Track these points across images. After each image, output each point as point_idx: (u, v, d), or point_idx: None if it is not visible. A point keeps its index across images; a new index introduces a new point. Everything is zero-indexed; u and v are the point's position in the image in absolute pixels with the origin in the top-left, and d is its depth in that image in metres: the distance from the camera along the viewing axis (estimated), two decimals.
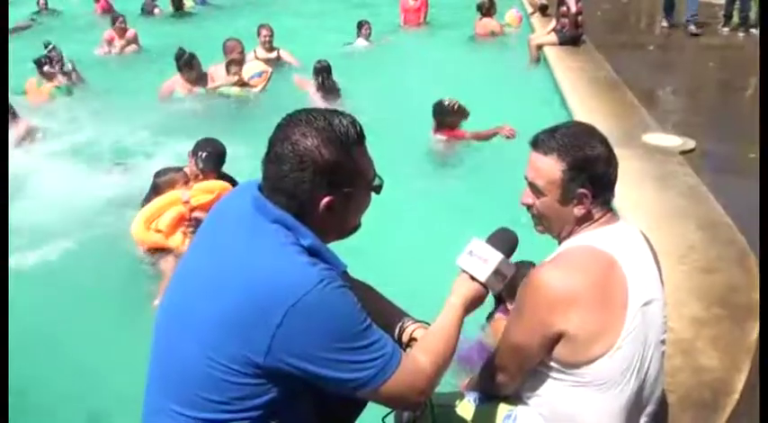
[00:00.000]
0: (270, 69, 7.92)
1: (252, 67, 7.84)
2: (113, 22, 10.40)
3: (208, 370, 1.54)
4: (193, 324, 1.58)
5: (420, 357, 1.66)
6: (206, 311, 1.56)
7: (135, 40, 10.49)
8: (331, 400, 1.74)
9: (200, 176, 4.25)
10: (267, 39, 9.03)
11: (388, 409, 1.89)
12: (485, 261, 1.83)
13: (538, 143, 1.98)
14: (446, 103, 5.87)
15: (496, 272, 1.83)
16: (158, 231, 3.94)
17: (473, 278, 1.84)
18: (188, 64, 7.54)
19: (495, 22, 10.98)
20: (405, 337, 1.93)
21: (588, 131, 1.99)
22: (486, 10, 10.89)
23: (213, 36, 9.03)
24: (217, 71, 7.79)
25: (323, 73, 7.52)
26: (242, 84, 7.59)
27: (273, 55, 9.03)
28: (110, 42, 10.27)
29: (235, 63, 7.68)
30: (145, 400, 1.70)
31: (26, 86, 7.84)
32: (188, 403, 1.58)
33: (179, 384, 1.60)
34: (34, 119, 6.62)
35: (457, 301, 1.80)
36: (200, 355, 1.55)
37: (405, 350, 1.76)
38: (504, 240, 1.91)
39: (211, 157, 4.26)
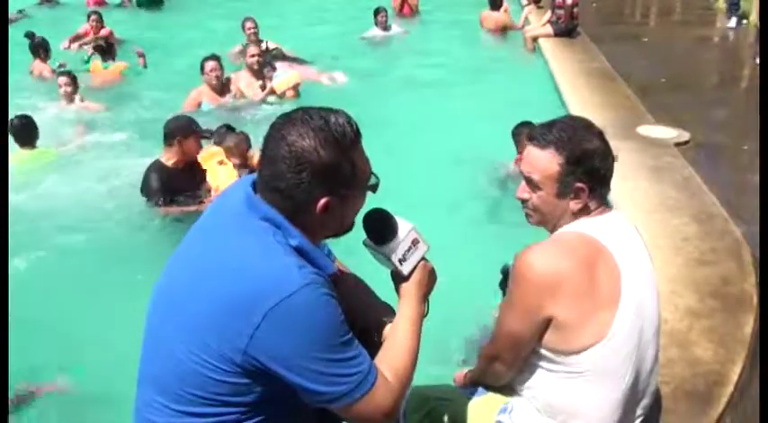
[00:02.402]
0: (300, 76, 7.46)
1: (282, 82, 7.31)
2: (88, 18, 10.51)
3: (190, 364, 1.53)
4: (179, 317, 1.57)
5: (391, 380, 1.61)
6: (191, 305, 1.55)
7: (109, 37, 10.43)
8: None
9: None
10: (252, 31, 8.73)
11: None
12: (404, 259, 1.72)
13: (534, 137, 1.96)
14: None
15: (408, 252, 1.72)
16: None
17: (404, 276, 1.74)
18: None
19: (505, 15, 10.89)
20: None
21: (585, 125, 1.98)
22: (500, 3, 10.81)
23: (194, 29, 8.83)
24: (239, 77, 7.34)
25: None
26: (273, 92, 7.27)
27: (261, 47, 8.91)
28: (81, 37, 10.33)
29: (271, 67, 7.39)
30: (137, 392, 1.69)
31: (91, 68, 8.15)
32: (174, 397, 1.57)
33: (165, 378, 1.59)
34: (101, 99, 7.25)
35: (409, 311, 1.73)
36: (184, 349, 1.54)
37: None
38: (376, 225, 1.75)
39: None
